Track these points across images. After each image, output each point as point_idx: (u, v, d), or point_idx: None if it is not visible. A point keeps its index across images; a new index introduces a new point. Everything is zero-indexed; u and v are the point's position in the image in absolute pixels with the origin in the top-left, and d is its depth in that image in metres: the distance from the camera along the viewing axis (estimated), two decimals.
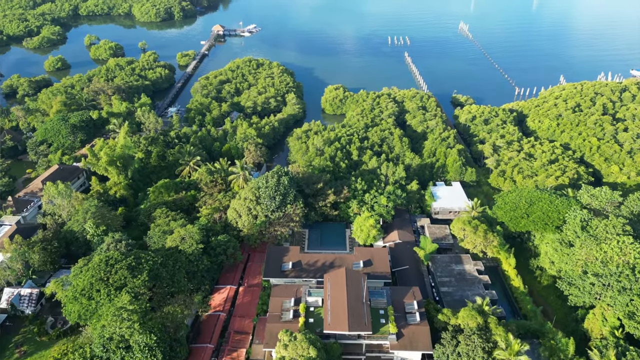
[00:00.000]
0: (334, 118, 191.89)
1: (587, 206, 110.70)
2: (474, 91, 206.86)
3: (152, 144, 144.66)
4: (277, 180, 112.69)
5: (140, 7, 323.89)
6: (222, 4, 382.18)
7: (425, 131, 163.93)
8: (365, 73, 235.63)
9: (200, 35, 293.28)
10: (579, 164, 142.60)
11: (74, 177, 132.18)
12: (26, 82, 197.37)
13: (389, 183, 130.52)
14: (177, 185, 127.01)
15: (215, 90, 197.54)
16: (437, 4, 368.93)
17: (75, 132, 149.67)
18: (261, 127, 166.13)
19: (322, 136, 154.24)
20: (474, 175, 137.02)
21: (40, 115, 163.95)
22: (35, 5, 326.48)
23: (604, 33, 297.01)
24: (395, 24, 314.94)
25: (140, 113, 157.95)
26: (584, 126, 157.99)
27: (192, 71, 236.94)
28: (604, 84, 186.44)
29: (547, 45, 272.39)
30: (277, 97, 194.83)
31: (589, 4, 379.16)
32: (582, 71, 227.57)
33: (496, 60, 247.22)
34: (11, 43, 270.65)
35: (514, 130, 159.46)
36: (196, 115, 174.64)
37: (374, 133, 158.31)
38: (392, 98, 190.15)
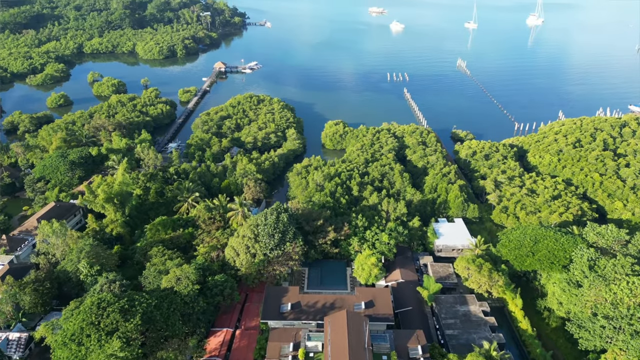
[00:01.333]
0: (334, 153, 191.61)
1: (594, 244, 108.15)
2: (473, 126, 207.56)
3: (150, 181, 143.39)
4: (276, 218, 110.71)
5: (143, 46, 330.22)
6: (224, 42, 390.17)
7: (426, 166, 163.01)
8: (365, 108, 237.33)
9: (202, 72, 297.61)
10: (583, 200, 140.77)
11: (70, 215, 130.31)
12: (27, 118, 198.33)
13: (390, 219, 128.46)
14: (174, 222, 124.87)
15: (216, 126, 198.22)
16: (434, 42, 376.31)
17: (74, 169, 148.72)
18: (261, 162, 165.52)
19: (322, 171, 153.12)
20: (476, 211, 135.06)
21: (40, 151, 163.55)
22: (40, 44, 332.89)
23: (599, 69, 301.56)
24: (394, 60, 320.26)
25: (140, 149, 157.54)
26: (586, 162, 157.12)
27: (194, 107, 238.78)
28: (603, 120, 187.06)
29: (544, 81, 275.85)
30: (277, 133, 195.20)
31: (583, 41, 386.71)
32: (581, 107, 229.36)
33: (494, 96, 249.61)
34: (15, 80, 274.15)
35: (515, 166, 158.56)
36: (196, 150, 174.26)
37: (375, 168, 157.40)
38: (392, 133, 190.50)
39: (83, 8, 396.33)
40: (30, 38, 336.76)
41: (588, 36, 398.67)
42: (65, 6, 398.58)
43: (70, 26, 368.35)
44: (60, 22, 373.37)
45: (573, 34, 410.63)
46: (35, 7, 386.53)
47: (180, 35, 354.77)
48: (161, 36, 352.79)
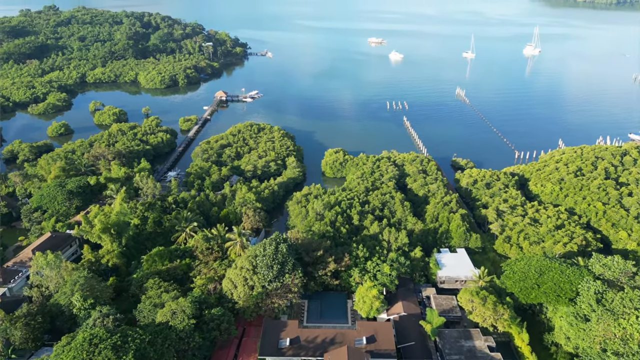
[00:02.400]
0: (334, 181, 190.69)
1: (600, 276, 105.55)
2: (473, 155, 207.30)
3: (148, 210, 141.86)
4: (275, 248, 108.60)
5: (146, 75, 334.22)
6: (226, 71, 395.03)
7: (427, 195, 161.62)
8: (365, 137, 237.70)
9: (204, 100, 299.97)
10: (586, 229, 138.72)
11: (66, 246, 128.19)
12: (27, 147, 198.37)
13: (391, 250, 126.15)
14: (172, 253, 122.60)
15: (216, 154, 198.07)
16: (433, 71, 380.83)
17: (71, 199, 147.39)
18: (261, 191, 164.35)
19: (322, 200, 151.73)
20: (479, 241, 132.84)
21: (38, 181, 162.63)
22: (43, 73, 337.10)
23: (598, 98, 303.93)
24: (393, 89, 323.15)
25: (139, 178, 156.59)
26: (588, 191, 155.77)
27: (194, 135, 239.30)
28: (603, 148, 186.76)
29: (543, 110, 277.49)
30: (277, 161, 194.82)
31: (580, 70, 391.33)
32: (580, 135, 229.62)
33: (494, 124, 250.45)
34: (17, 109, 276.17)
35: (516, 195, 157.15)
36: (195, 179, 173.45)
37: (375, 197, 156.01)
38: (392, 161, 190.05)
39: (87, 39, 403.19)
40: (33, 68, 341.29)
41: (585, 66, 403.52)
42: (69, 37, 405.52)
43: (74, 56, 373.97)
44: (64, 53, 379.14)
45: (570, 63, 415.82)
46: (39, 38, 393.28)
47: (182, 65, 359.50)
48: (163, 66, 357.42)
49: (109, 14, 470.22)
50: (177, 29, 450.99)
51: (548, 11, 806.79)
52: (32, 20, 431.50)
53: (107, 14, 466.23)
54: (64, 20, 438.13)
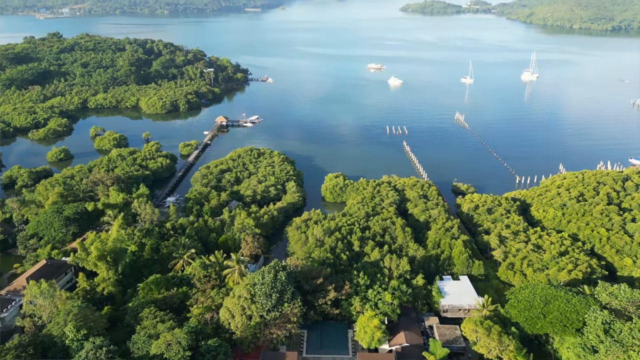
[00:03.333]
0: (335, 206, 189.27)
1: (607, 306, 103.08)
2: (474, 179, 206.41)
3: (146, 236, 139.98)
4: (274, 276, 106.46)
5: (147, 100, 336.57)
6: (227, 96, 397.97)
7: (428, 220, 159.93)
8: (365, 161, 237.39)
9: (204, 126, 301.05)
10: (590, 256, 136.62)
11: (61, 273, 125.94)
12: (26, 172, 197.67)
13: (392, 277, 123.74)
14: (168, 281, 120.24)
15: (216, 179, 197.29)
16: (432, 96, 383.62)
17: (68, 225, 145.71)
18: (260, 216, 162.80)
19: (322, 226, 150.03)
20: (482, 268, 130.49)
21: (35, 207, 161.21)
22: (45, 99, 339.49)
23: (597, 123, 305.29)
24: (393, 114, 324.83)
25: (137, 204, 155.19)
26: (590, 216, 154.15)
27: (194, 160, 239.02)
28: (605, 173, 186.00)
29: (542, 135, 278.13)
30: (277, 186, 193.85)
31: (578, 95, 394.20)
32: (581, 160, 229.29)
33: (494, 149, 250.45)
34: (18, 134, 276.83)
35: (519, 220, 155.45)
36: (194, 205, 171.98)
37: (376, 222, 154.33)
38: (392, 186, 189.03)
39: (90, 65, 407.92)
40: (35, 94, 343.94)
41: (583, 91, 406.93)
42: (72, 63, 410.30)
43: (76, 82, 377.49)
44: (67, 79, 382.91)
45: (568, 89, 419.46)
46: (42, 64, 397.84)
47: (184, 91, 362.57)
48: (165, 91, 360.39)
49: (112, 40, 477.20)
50: (179, 55, 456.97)
51: (544, 38, 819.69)
52: (36, 47, 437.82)
53: (110, 41, 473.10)
54: (67, 47, 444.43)
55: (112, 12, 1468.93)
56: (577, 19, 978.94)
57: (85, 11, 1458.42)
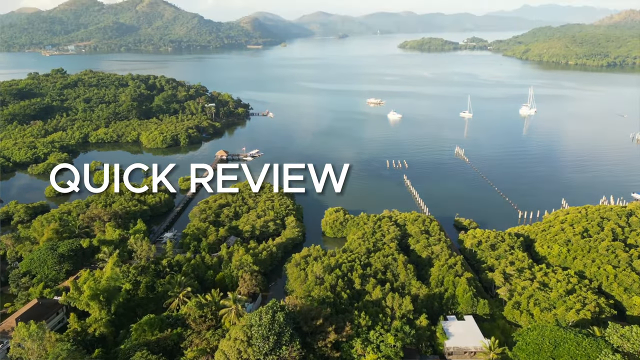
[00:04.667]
0: (335, 241, 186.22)
1: (619, 349, 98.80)
2: (476, 214, 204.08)
3: (141, 274, 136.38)
4: (272, 317, 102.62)
5: (148, 135, 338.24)
6: (228, 131, 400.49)
7: (430, 257, 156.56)
8: (366, 195, 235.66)
9: (204, 160, 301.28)
10: (598, 294, 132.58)
11: (52, 313, 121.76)
12: (23, 208, 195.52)
13: (395, 317, 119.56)
14: (162, 321, 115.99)
15: (214, 214, 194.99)
16: (431, 131, 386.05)
17: (62, 262, 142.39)
18: (258, 252, 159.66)
19: (322, 262, 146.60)
20: (487, 307, 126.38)
21: (30, 243, 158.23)
22: (46, 134, 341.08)
23: (597, 157, 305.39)
24: (392, 148, 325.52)
25: (133, 240, 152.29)
26: (596, 253, 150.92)
27: (192, 195, 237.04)
28: (608, 208, 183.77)
29: (543, 169, 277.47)
30: (276, 220, 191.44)
31: (577, 129, 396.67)
32: (583, 194, 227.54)
33: (495, 183, 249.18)
34: (17, 169, 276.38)
35: (523, 257, 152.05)
36: (192, 241, 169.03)
37: (377, 259, 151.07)
38: (393, 221, 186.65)
39: (92, 100, 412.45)
40: (37, 128, 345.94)
41: (581, 125, 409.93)
42: (75, 99, 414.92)
43: (78, 117, 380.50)
44: (69, 114, 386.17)
45: (566, 123, 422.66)
46: (45, 99, 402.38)
47: (185, 125, 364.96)
48: (166, 126, 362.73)
49: (115, 77, 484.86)
50: (181, 91, 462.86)
51: (540, 73, 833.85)
52: (40, 83, 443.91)
53: (114, 77, 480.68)
54: (71, 82, 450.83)
55: (117, 49, 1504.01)
56: (572, 55, 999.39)
57: (91, 48, 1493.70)
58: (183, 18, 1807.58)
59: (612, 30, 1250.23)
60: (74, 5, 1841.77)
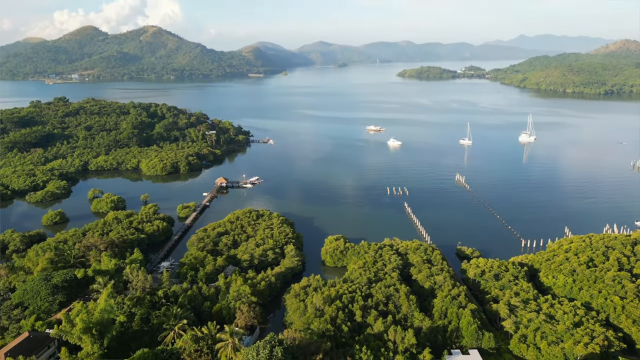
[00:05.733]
0: (335, 271, 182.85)
1: None
2: (478, 243, 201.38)
3: (136, 306, 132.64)
4: (270, 352, 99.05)
5: (147, 162, 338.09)
6: (228, 158, 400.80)
7: (433, 287, 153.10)
8: (366, 223, 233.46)
9: (203, 187, 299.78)
10: (606, 326, 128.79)
11: (44, 347, 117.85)
12: (19, 237, 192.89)
13: (397, 352, 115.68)
14: (157, 356, 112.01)
15: (212, 243, 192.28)
16: (431, 158, 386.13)
17: (56, 293, 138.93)
18: (257, 282, 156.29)
19: (322, 293, 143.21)
20: (492, 341, 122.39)
21: (24, 273, 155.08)
22: (46, 161, 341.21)
23: (598, 185, 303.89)
24: (393, 175, 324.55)
25: (129, 270, 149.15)
26: (602, 283, 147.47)
27: (191, 223, 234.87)
28: (612, 237, 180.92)
29: (544, 197, 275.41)
30: (275, 249, 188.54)
31: (577, 157, 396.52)
32: (586, 223, 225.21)
33: (497, 211, 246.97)
34: (15, 197, 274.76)
35: (528, 287, 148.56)
36: (189, 270, 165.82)
37: (378, 290, 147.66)
38: (394, 250, 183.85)
39: (93, 128, 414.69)
40: (37, 156, 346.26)
41: (581, 153, 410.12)
42: (76, 126, 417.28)
43: (78, 145, 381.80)
44: (70, 141, 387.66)
45: (566, 151, 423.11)
46: (46, 127, 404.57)
47: (185, 152, 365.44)
48: (166, 153, 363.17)
49: (116, 105, 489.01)
50: (182, 118, 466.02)
51: (538, 101, 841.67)
52: (41, 111, 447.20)
53: (115, 105, 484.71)
54: (73, 110, 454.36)
55: (120, 77, 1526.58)
56: (569, 83, 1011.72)
57: (94, 77, 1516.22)
58: (186, 47, 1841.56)
59: (608, 59, 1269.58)
60: (78, 35, 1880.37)
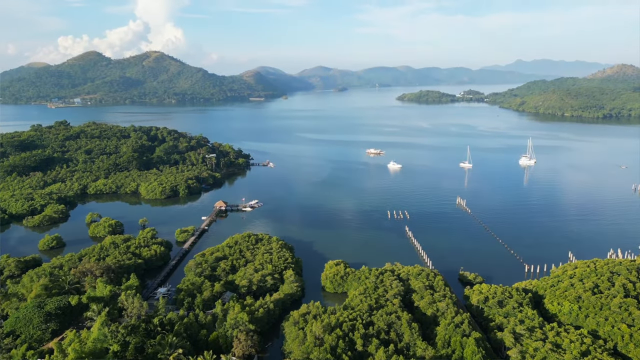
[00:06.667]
0: (335, 297, 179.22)
1: None
2: (481, 268, 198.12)
3: (131, 334, 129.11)
4: None
5: (147, 186, 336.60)
6: (228, 181, 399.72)
7: (436, 314, 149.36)
8: (367, 247, 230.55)
9: (202, 211, 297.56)
10: (614, 356, 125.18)
11: None
12: (14, 262, 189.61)
13: None
14: None
15: (210, 268, 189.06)
16: (432, 180, 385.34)
17: (49, 321, 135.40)
18: (255, 309, 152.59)
19: (322, 321, 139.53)
20: None
21: (17, 300, 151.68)
22: (45, 185, 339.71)
23: (600, 208, 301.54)
24: (393, 198, 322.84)
25: (124, 297, 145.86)
26: (609, 310, 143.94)
27: (189, 247, 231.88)
28: (617, 262, 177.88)
29: (547, 220, 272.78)
30: (274, 275, 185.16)
31: (577, 180, 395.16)
32: (589, 247, 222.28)
33: (499, 235, 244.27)
34: (12, 221, 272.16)
35: (533, 315, 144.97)
36: (186, 297, 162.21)
37: (380, 317, 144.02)
38: (396, 275, 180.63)
39: (93, 152, 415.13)
40: (36, 180, 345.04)
41: (582, 176, 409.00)
42: (76, 150, 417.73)
43: (78, 168, 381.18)
44: (69, 165, 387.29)
45: (567, 174, 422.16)
46: (46, 151, 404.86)
47: (184, 176, 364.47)
48: (165, 177, 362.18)
49: (117, 128, 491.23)
50: (183, 142, 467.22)
51: (538, 125, 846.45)
52: (42, 135, 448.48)
53: (116, 129, 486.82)
54: (73, 134, 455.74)
55: (123, 101, 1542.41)
56: (568, 107, 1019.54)
57: (96, 101, 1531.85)
58: (188, 72, 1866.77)
59: (606, 84, 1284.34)
60: (82, 60, 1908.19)
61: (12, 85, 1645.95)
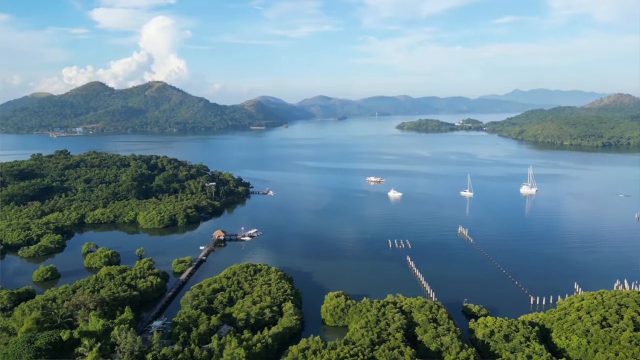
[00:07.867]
0: (336, 331, 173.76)
1: None
2: (485, 299, 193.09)
3: None
4: None
5: (145, 215, 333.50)
6: (227, 210, 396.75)
7: (440, 349, 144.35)
8: (368, 278, 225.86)
9: (201, 240, 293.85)
10: None
11: None
12: (7, 294, 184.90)
13: None
14: None
15: (207, 300, 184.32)
16: (433, 209, 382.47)
17: (39, 357, 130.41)
18: (252, 344, 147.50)
19: (322, 357, 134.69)
20: None
21: (7, 335, 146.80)
22: (43, 215, 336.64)
23: (604, 237, 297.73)
24: (394, 228, 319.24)
25: (117, 332, 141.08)
26: (619, 345, 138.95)
27: (186, 278, 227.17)
28: (624, 294, 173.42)
29: (550, 250, 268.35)
30: (272, 307, 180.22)
31: (579, 209, 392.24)
32: (595, 278, 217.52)
33: (502, 265, 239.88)
34: (8, 251, 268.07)
35: (540, 350, 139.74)
36: (181, 331, 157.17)
37: (382, 353, 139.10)
38: (398, 307, 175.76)
39: (93, 180, 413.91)
40: (33, 209, 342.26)
41: (583, 205, 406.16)
42: (75, 179, 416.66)
43: (76, 197, 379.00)
44: (68, 194, 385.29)
45: (568, 203, 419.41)
46: (45, 180, 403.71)
47: (183, 205, 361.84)
48: (164, 206, 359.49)
49: (117, 157, 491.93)
50: (182, 170, 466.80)
51: (537, 153, 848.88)
52: (42, 164, 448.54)
53: (116, 158, 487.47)
54: (73, 163, 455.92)
55: (124, 130, 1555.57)
56: (566, 135, 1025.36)
57: (98, 130, 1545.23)
58: (189, 102, 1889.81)
59: (603, 112, 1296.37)
60: (85, 90, 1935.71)
61: (15, 115, 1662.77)
